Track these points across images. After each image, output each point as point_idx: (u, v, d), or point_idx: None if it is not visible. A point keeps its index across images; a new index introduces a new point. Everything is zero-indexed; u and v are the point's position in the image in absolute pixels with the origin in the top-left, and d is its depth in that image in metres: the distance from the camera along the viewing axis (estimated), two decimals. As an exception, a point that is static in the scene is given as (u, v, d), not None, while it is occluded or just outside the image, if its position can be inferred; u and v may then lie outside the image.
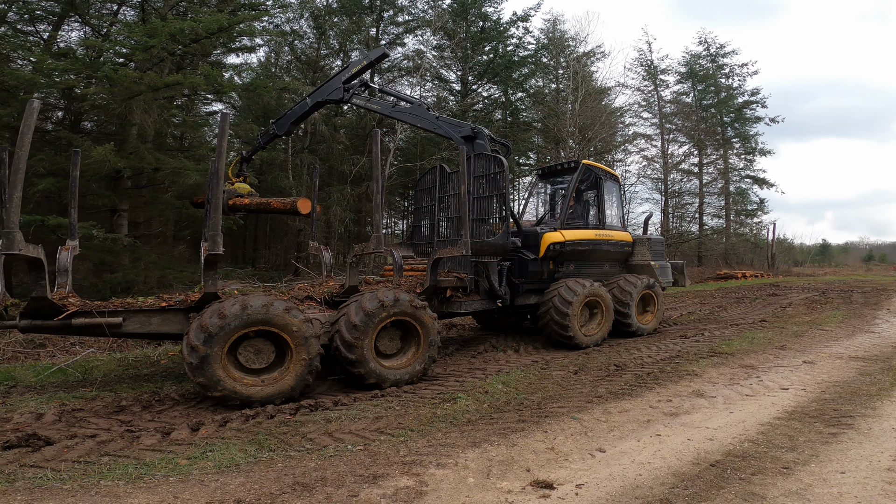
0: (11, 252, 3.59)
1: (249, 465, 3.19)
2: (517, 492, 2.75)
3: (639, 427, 3.81)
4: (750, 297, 14.47)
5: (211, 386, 4.27)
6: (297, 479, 2.91)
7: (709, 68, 29.87)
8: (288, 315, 4.56)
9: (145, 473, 3.02)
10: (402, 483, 2.85)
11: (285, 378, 4.58)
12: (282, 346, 4.64)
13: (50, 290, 4.37)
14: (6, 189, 4.07)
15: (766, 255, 32.04)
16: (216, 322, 4.28)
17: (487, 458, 3.24)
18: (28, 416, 4.08)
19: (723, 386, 5.06)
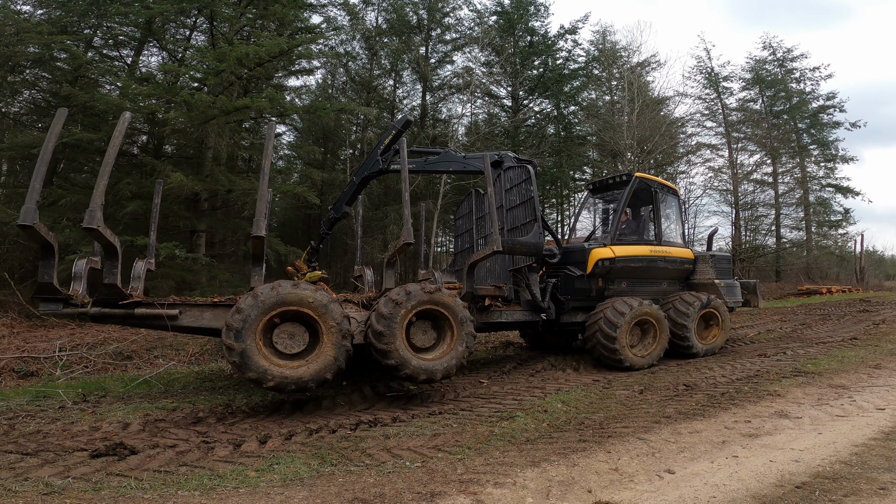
0: (91, 227, 3.96)
1: (312, 479, 3.26)
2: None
3: (712, 448, 3.56)
4: (837, 313, 13.23)
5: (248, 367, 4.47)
6: (357, 494, 2.95)
7: (777, 73, 28.24)
8: (316, 294, 4.75)
9: (218, 485, 3.15)
10: (458, 501, 2.83)
11: (325, 352, 4.72)
12: (314, 328, 4.79)
13: (120, 280, 4.74)
14: (98, 180, 4.26)
15: (854, 269, 29.27)
16: (249, 302, 4.50)
17: (547, 478, 3.14)
18: (115, 425, 4.42)
19: (809, 406, 4.63)
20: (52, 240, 4.30)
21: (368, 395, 5.79)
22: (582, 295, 7.49)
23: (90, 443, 3.88)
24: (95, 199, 4.05)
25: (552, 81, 19.22)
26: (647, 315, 7.08)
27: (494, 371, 7.07)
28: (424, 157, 8.38)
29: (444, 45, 19.42)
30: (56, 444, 3.85)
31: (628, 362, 6.83)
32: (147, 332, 9.93)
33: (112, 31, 11.07)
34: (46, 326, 9.96)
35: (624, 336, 6.84)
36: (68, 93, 9.16)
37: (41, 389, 6.09)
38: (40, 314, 4.78)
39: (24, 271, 11.91)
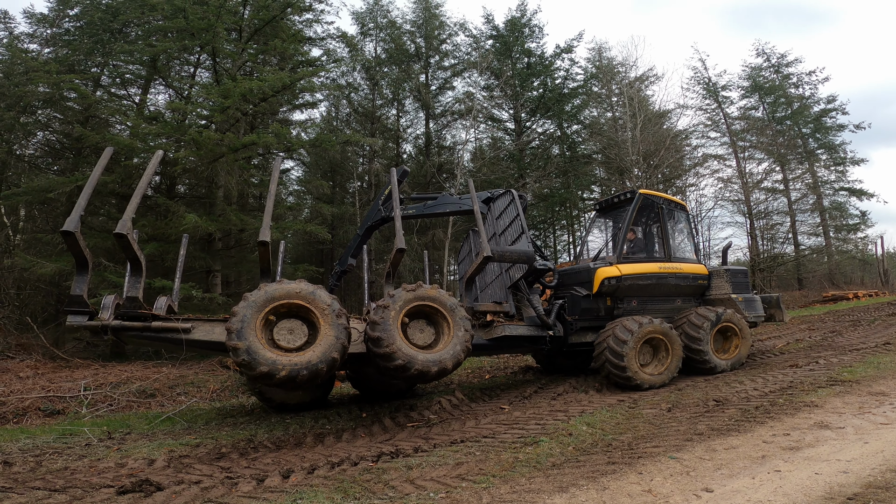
0: (122, 232, 4.40)
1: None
2: (616, 537, 2.49)
3: (752, 464, 3.37)
4: (867, 318, 12.77)
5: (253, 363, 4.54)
6: None
7: (774, 80, 28.28)
8: (301, 285, 4.93)
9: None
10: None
11: (325, 334, 4.83)
12: (309, 320, 4.93)
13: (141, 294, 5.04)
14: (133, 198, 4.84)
15: (878, 272, 28.45)
16: (242, 304, 4.69)
17: (576, 503, 2.99)
18: (141, 461, 4.41)
19: (851, 416, 4.40)
20: (88, 255, 4.65)
21: (389, 425, 5.66)
22: (589, 315, 7.37)
23: (116, 479, 3.86)
24: (128, 212, 4.54)
25: (553, 101, 19.42)
26: (655, 333, 6.86)
27: (515, 396, 6.89)
28: (423, 201, 8.66)
29: (444, 72, 19.86)
30: (83, 480, 3.84)
31: (638, 381, 6.60)
32: (168, 370, 9.97)
33: (118, 69, 11.48)
34: (71, 367, 10.05)
35: (633, 355, 6.64)
36: (80, 133, 9.44)
37: (67, 427, 6.11)
38: (67, 325, 4.94)
39: (45, 315, 12.10)
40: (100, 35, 10.53)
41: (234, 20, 11.04)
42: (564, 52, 19.91)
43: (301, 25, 14.21)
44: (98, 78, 11.29)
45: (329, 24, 21.75)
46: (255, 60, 11.72)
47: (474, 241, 9.11)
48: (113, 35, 10.70)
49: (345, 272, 8.72)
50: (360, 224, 8.72)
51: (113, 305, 5.29)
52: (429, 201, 8.54)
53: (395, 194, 6.43)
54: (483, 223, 6.91)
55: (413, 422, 5.78)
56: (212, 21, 9.60)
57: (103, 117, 11.47)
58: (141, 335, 5.15)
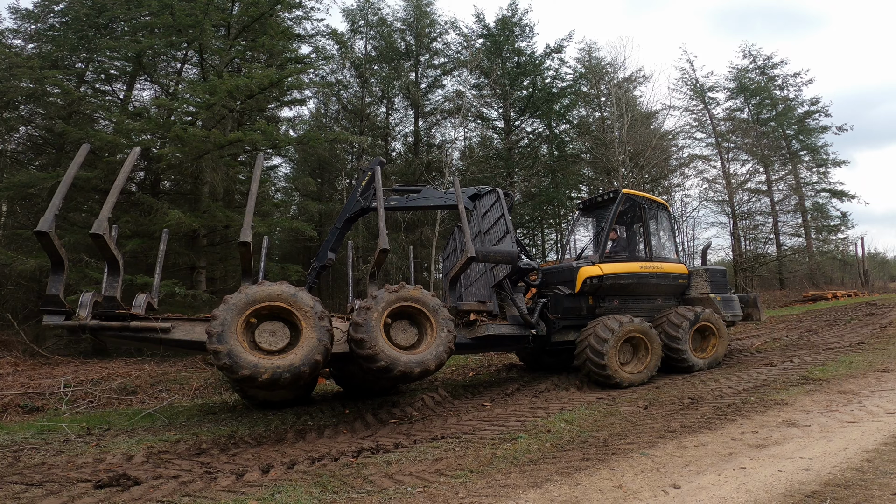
0: (98, 233, 4.33)
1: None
2: (584, 531, 2.57)
3: (719, 461, 3.48)
4: (843, 318, 13.09)
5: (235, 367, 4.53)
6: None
7: (759, 81, 28.68)
8: (282, 287, 4.93)
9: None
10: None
11: (308, 336, 4.85)
12: (291, 321, 4.93)
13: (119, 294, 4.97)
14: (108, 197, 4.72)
15: (858, 272, 29.11)
16: (223, 307, 4.67)
17: (549, 498, 3.07)
18: (120, 457, 4.40)
19: (818, 414, 4.55)
20: (63, 255, 4.56)
21: (371, 422, 5.71)
22: (572, 314, 7.48)
23: (94, 474, 3.85)
24: (104, 211, 4.42)
25: (542, 101, 19.52)
26: (635, 332, 6.98)
27: (497, 393, 6.97)
28: (406, 194, 8.61)
29: (434, 70, 19.83)
30: (61, 475, 3.82)
31: (618, 379, 6.72)
32: (151, 367, 9.91)
33: (103, 65, 11.32)
34: (51, 364, 9.94)
35: (613, 354, 6.76)
36: (63, 129, 9.31)
37: (46, 424, 6.08)
38: (43, 325, 4.88)
39: (26, 311, 11.93)
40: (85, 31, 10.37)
41: (222, 17, 10.94)
42: (554, 51, 20.03)
43: (290, 22, 14.12)
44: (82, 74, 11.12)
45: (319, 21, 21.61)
46: (242, 57, 11.63)
47: (459, 239, 9.16)
48: (98, 31, 10.54)
49: (325, 267, 8.49)
50: (337, 217, 8.63)
51: (91, 303, 5.22)
52: (412, 194, 8.45)
53: (378, 191, 6.39)
54: (468, 221, 6.95)
55: (395, 418, 5.84)
56: (199, 18, 9.50)
57: (87, 113, 11.30)
58: (119, 335, 5.10)
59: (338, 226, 8.26)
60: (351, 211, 8.11)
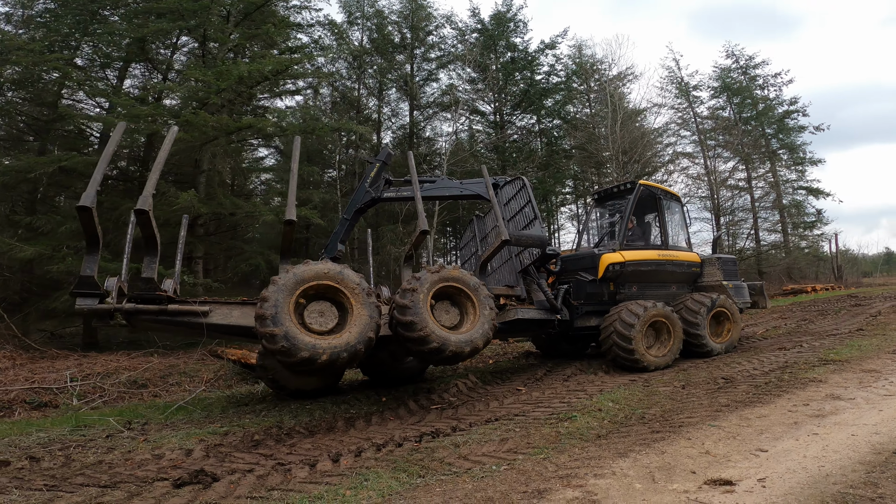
0: (143, 209, 4.31)
1: (409, 491, 3.18)
2: (695, 491, 2.70)
3: (788, 429, 3.68)
4: (832, 308, 13.73)
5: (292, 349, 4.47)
6: (465, 500, 2.91)
7: (741, 81, 29.68)
8: (328, 265, 4.95)
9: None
10: (569, 494, 2.84)
11: (359, 314, 4.85)
12: (337, 301, 4.93)
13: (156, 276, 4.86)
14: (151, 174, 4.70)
15: (832, 268, 30.51)
16: (272, 288, 4.60)
17: (642, 465, 3.19)
18: (178, 452, 4.27)
19: (855, 389, 4.82)
20: (100, 233, 4.50)
21: (413, 408, 5.75)
22: (594, 299, 7.68)
23: (162, 471, 3.72)
24: (149, 188, 4.42)
25: (536, 96, 19.77)
26: (659, 316, 7.23)
27: (527, 378, 7.10)
28: (421, 184, 8.63)
29: (429, 64, 19.87)
30: (127, 474, 3.68)
31: (644, 363, 6.93)
32: (157, 360, 9.66)
33: (99, 51, 10.95)
34: (47, 358, 9.60)
35: (640, 338, 6.97)
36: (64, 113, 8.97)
37: (85, 419, 5.80)
38: (76, 309, 4.70)
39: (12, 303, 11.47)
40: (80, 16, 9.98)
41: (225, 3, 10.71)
42: (548, 47, 20.32)
43: (289, 11, 13.93)
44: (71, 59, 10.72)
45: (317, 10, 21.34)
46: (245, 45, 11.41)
47: (478, 227, 9.25)
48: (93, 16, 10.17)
49: (335, 259, 8.62)
50: (346, 208, 8.56)
51: (116, 288, 5.09)
52: (426, 184, 8.46)
53: (413, 176, 6.43)
54: (494, 196, 7.03)
55: (436, 404, 5.88)
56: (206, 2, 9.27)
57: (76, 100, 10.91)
58: (156, 319, 4.96)
59: (347, 217, 8.24)
60: (361, 202, 8.10)
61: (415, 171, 6.63)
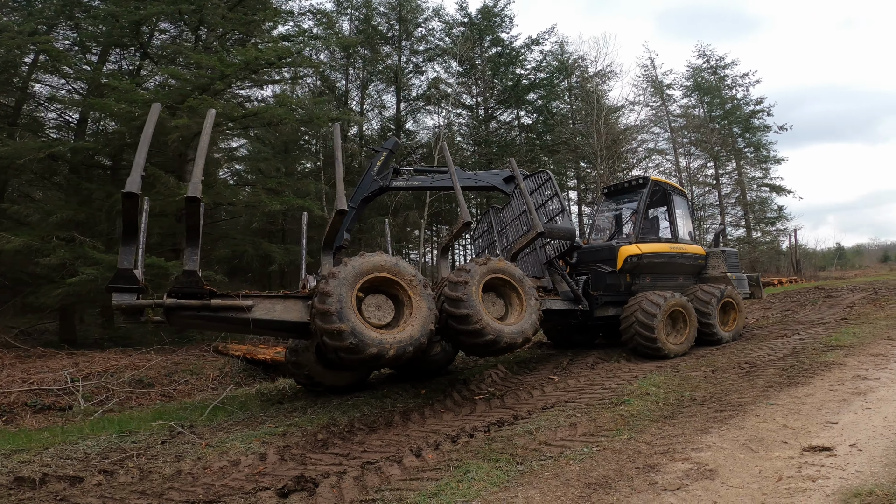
0: (195, 196, 4.22)
1: (518, 478, 3.26)
2: (799, 457, 3.04)
3: (841, 405, 4.11)
4: (807, 300, 14.81)
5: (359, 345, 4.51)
6: (585, 480, 3.07)
7: (712, 80, 31.24)
8: (384, 257, 5.02)
9: (447, 502, 3.04)
10: (681, 467, 3.11)
11: (419, 306, 4.95)
12: (391, 293, 5.03)
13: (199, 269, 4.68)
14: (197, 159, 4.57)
15: (791, 262, 32.69)
16: (335, 282, 4.61)
17: (731, 439, 3.52)
18: (252, 456, 4.16)
19: (875, 370, 5.36)
20: (140, 221, 4.42)
21: (459, 400, 5.92)
22: (612, 290, 8.09)
23: (252, 479, 3.64)
24: (197, 174, 4.34)
25: (524, 91, 20.21)
26: (678, 306, 7.72)
27: (554, 367, 7.40)
28: (431, 174, 8.78)
29: (416, 57, 19.96)
30: (220, 485, 3.55)
31: (666, 350, 7.39)
32: (160, 357, 9.42)
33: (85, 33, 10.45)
34: (33, 357, 9.17)
35: (661, 327, 7.44)
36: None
37: (127, 425, 5.54)
38: (112, 304, 4.45)
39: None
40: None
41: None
42: (534, 43, 20.84)
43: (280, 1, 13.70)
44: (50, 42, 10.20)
45: None
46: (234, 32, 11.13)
47: (495, 219, 9.44)
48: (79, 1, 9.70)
49: (341, 248, 8.29)
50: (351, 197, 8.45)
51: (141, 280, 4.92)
52: (437, 174, 8.58)
53: (450, 166, 6.50)
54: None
55: (478, 395, 6.09)
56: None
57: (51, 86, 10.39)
58: (197, 315, 4.80)
59: (353, 206, 8.16)
60: (368, 191, 8.13)
61: (451, 160, 6.71)
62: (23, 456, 4.34)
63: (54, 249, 8.71)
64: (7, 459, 4.26)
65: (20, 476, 3.74)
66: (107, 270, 8.63)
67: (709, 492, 2.61)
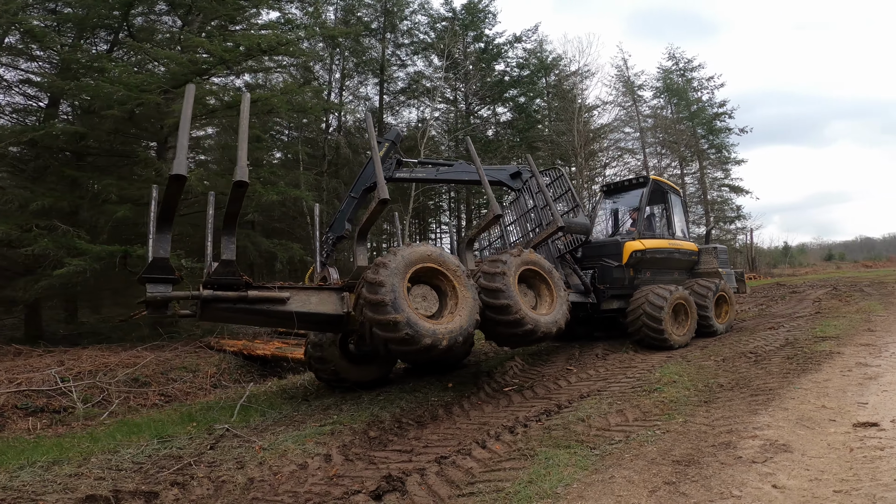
0: (244, 180, 4.05)
1: (599, 462, 3.47)
2: (852, 431, 3.47)
3: (861, 388, 4.65)
4: (776, 295, 16.00)
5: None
6: (671, 458, 3.35)
7: (679, 83, 32.83)
8: (430, 248, 5.20)
9: (548, 487, 3.19)
10: (755, 443, 3.47)
11: (465, 296, 5.13)
12: (434, 284, 5.19)
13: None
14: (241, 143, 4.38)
15: (747, 259, 34.96)
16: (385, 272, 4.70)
17: (783, 418, 3.95)
18: (317, 458, 4.16)
19: (871, 358, 6.01)
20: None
21: (491, 392, 6.16)
22: (618, 284, 8.59)
23: (331, 483, 3.66)
24: (243, 158, 4.20)
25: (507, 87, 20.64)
26: (681, 299, 8.31)
27: (567, 359, 7.78)
28: (436, 166, 8.97)
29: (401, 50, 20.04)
30: (304, 492, 3.53)
31: (671, 341, 7.95)
32: (152, 354, 9.12)
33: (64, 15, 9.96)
34: (10, 354, 8.74)
35: (668, 319, 7.99)
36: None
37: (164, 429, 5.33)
38: (147, 297, 4.29)
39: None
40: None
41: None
42: (517, 41, 21.34)
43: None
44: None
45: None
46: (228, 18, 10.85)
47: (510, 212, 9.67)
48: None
49: (341, 238, 8.38)
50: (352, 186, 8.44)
51: None
52: (441, 167, 8.76)
53: (476, 161, 6.67)
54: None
55: (507, 386, 6.37)
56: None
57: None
58: (233, 307, 4.76)
59: (354, 195, 8.24)
60: (370, 181, 8.13)
61: (476, 154, 6.84)
62: (66, 468, 4.07)
63: (35, 239, 8.28)
64: (49, 473, 3.97)
65: (91, 495, 3.53)
66: (94, 261, 8.29)
67: (795, 463, 2.98)
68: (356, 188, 8.32)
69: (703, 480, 2.88)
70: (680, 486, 2.83)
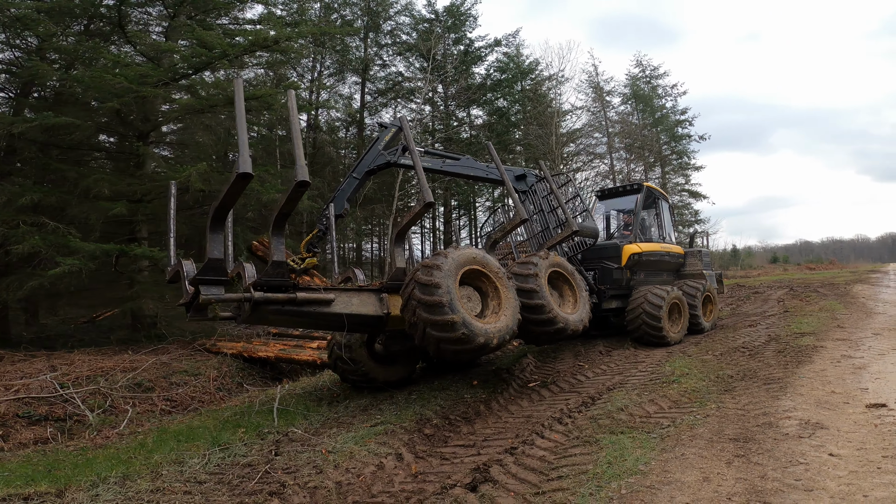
0: (306, 180, 4.15)
1: (661, 443, 3.94)
2: (869, 412, 4.16)
3: (855, 376, 5.43)
4: (739, 296, 17.37)
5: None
6: (727, 437, 3.87)
7: (645, 90, 34.60)
8: (474, 250, 5.61)
9: (630, 466, 3.56)
10: (793, 423, 4.08)
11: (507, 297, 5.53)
12: (477, 285, 5.55)
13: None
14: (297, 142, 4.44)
15: (703, 262, 37.46)
16: (439, 274, 4.97)
17: (803, 402, 4.63)
18: (390, 458, 4.28)
19: (852, 351, 6.92)
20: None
21: (517, 388, 6.62)
22: (617, 284, 9.33)
23: (420, 480, 3.86)
24: (301, 157, 4.29)
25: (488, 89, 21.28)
26: (676, 299, 9.13)
27: (574, 356, 8.37)
28: (443, 158, 9.37)
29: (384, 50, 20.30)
30: (398, 491, 3.69)
31: (668, 338, 8.74)
32: (155, 358, 9.02)
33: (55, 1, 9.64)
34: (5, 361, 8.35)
35: (666, 317, 8.78)
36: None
37: (221, 437, 5.31)
38: (202, 300, 4.31)
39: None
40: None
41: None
42: (497, 44, 22.06)
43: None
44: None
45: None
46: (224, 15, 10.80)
47: (504, 218, 10.27)
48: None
49: (340, 216, 8.48)
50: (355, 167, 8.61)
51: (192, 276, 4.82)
52: (448, 160, 9.06)
53: (499, 165, 7.14)
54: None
55: (530, 382, 6.86)
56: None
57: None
58: (282, 309, 4.86)
59: (357, 177, 8.41)
60: (374, 164, 8.40)
61: (496, 155, 7.32)
62: (141, 483, 3.99)
63: (23, 237, 8.02)
64: (127, 489, 3.91)
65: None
66: (89, 260, 8.11)
67: (835, 437, 3.62)
68: (358, 170, 8.44)
69: (766, 452, 3.46)
70: (750, 457, 3.40)
